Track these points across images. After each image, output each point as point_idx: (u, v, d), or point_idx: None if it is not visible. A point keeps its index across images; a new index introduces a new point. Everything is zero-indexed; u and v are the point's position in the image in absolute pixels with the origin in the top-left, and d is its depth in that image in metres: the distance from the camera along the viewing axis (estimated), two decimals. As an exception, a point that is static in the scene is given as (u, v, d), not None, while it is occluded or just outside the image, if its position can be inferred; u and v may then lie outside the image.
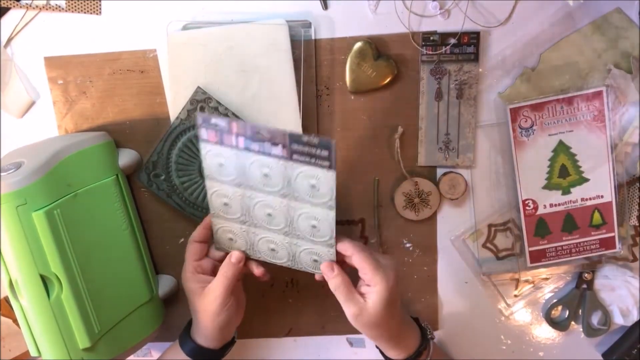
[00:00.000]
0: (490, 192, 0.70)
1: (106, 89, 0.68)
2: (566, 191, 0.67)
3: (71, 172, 0.59)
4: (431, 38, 0.65)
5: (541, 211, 0.68)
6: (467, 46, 0.65)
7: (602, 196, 0.67)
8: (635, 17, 0.65)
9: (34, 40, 0.67)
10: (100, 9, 0.66)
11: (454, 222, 0.71)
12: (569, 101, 0.65)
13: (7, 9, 0.66)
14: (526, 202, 0.68)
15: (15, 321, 0.70)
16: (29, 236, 0.53)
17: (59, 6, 0.66)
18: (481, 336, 0.75)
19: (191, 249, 0.60)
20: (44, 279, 0.54)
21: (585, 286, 0.71)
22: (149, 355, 0.77)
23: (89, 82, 0.68)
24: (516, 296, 0.73)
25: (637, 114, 0.65)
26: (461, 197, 0.69)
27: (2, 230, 0.52)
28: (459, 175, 0.68)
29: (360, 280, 0.58)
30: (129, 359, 0.66)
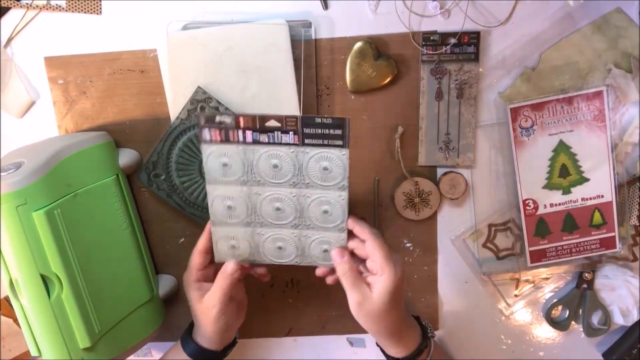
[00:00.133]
0: (491, 192, 0.70)
1: (106, 89, 0.68)
2: (566, 191, 0.67)
3: (71, 172, 0.59)
4: (431, 38, 0.65)
5: (541, 211, 0.68)
6: (468, 46, 0.65)
7: (603, 196, 0.67)
8: (635, 17, 0.65)
9: (34, 40, 0.67)
10: (100, 8, 0.66)
11: (454, 222, 0.71)
12: (569, 101, 0.65)
13: (7, 9, 0.66)
14: (526, 201, 0.68)
15: (16, 321, 0.70)
16: (29, 236, 0.53)
17: (59, 6, 0.66)
18: (481, 336, 0.75)
19: (195, 260, 0.60)
20: (44, 279, 0.54)
21: (585, 286, 0.71)
22: (149, 355, 0.77)
23: (89, 82, 0.68)
24: (516, 296, 0.73)
25: (637, 114, 0.65)
26: (461, 197, 0.69)
27: (2, 230, 0.52)
28: (459, 175, 0.68)
29: (366, 272, 0.58)
30: (129, 359, 0.66)
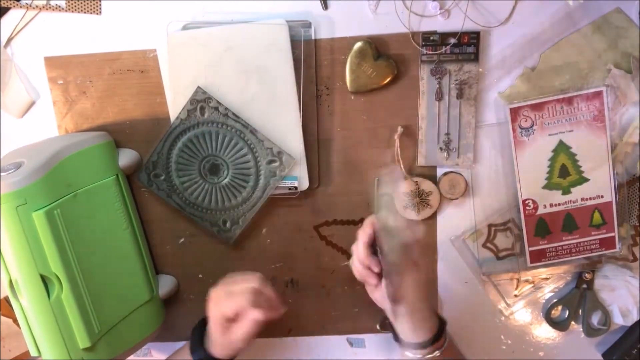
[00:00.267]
0: (491, 192, 0.70)
1: (106, 89, 0.68)
2: (566, 191, 0.67)
3: (71, 172, 0.59)
4: (431, 38, 0.65)
5: (541, 211, 0.68)
6: (467, 46, 0.65)
7: (602, 196, 0.67)
8: (635, 17, 0.65)
9: (34, 40, 0.67)
10: (100, 9, 0.66)
11: (454, 222, 0.71)
12: (569, 101, 0.65)
13: (7, 9, 0.66)
14: (526, 202, 0.68)
15: (15, 321, 0.70)
16: (29, 236, 0.53)
17: (59, 6, 0.66)
18: (481, 336, 0.75)
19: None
20: (44, 279, 0.54)
21: (585, 286, 0.71)
22: (149, 355, 0.77)
23: (89, 82, 0.68)
24: (516, 296, 0.73)
25: (637, 114, 0.65)
26: (461, 197, 0.69)
27: (2, 230, 0.52)
28: (459, 175, 0.68)
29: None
30: (129, 359, 0.66)
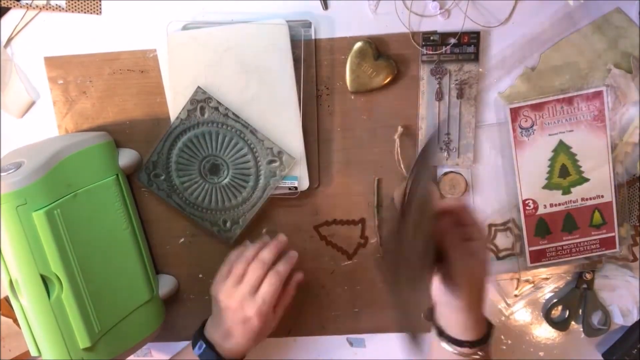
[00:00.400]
0: (491, 192, 0.70)
1: (106, 89, 0.68)
2: (566, 191, 0.67)
3: (71, 172, 0.59)
4: (431, 38, 0.65)
5: (541, 211, 0.68)
6: (467, 46, 0.65)
7: (602, 196, 0.67)
8: (635, 17, 0.65)
9: (34, 40, 0.67)
10: (100, 9, 0.66)
11: (454, 222, 0.71)
12: (569, 101, 0.65)
13: (7, 9, 0.66)
14: (526, 202, 0.68)
15: (16, 321, 0.70)
16: (29, 236, 0.53)
17: (59, 6, 0.66)
18: (481, 336, 0.75)
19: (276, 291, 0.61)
20: (44, 279, 0.54)
21: (585, 286, 0.71)
22: (149, 355, 0.77)
23: (89, 82, 0.68)
24: (516, 296, 0.73)
25: (637, 114, 0.65)
26: (461, 197, 0.69)
27: (2, 230, 0.52)
28: (460, 175, 0.68)
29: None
30: (129, 359, 0.66)
